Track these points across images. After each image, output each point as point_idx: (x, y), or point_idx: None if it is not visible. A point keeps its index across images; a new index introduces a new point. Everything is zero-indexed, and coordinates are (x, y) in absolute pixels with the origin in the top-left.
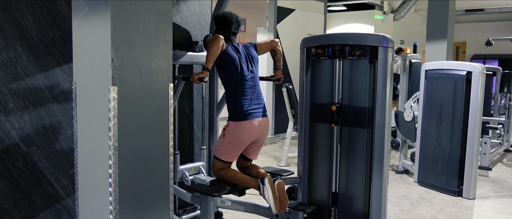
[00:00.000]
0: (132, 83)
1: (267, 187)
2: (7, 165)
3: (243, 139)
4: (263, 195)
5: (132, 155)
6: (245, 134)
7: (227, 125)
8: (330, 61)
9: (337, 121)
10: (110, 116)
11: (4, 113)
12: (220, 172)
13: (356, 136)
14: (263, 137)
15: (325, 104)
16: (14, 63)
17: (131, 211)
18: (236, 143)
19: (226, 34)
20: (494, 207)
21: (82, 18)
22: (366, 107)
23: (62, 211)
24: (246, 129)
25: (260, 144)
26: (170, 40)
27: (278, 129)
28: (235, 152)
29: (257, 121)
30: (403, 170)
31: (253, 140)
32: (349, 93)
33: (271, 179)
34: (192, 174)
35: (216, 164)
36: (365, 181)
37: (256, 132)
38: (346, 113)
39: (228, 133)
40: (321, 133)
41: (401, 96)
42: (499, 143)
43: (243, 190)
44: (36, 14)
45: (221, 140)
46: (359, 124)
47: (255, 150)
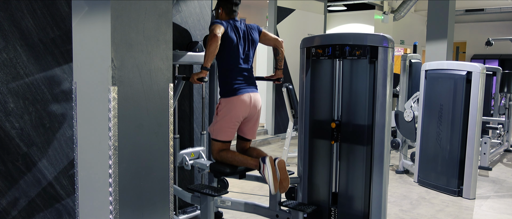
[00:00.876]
0: (132, 83)
1: (268, 166)
2: (7, 165)
3: (235, 115)
4: (263, 174)
5: (132, 155)
6: (236, 109)
7: (219, 103)
8: (330, 61)
9: (337, 119)
10: (110, 116)
11: (4, 112)
12: (220, 153)
13: (356, 134)
14: (255, 113)
15: (325, 105)
16: (14, 63)
17: (131, 211)
18: (229, 120)
19: (228, 4)
20: (494, 207)
21: (82, 18)
22: (366, 109)
23: (62, 211)
24: (237, 104)
25: (254, 121)
26: (170, 40)
27: (278, 129)
28: (230, 129)
29: (247, 96)
30: (403, 170)
31: (246, 115)
32: (349, 94)
33: (272, 158)
34: (192, 158)
35: (215, 145)
36: (365, 181)
37: (247, 107)
38: (346, 117)
39: (220, 111)
40: (321, 132)
41: (401, 96)
42: (499, 143)
43: (243, 172)
44: (36, 14)
45: (215, 120)
46: (359, 126)
47: (251, 128)
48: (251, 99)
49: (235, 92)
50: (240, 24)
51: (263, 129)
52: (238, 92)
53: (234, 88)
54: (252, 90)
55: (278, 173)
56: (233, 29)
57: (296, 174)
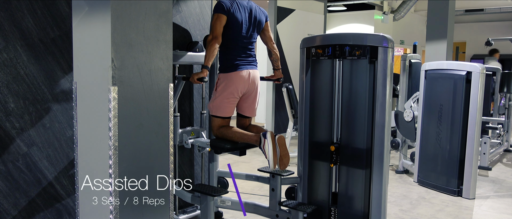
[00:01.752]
0: (132, 83)
1: (268, 141)
2: (8, 165)
3: (233, 90)
4: (263, 149)
5: (132, 155)
6: (235, 84)
7: (218, 78)
8: (330, 61)
9: (337, 118)
10: (110, 116)
11: (5, 112)
12: (220, 130)
13: (356, 134)
14: (254, 89)
15: (325, 104)
16: (14, 63)
17: (131, 211)
18: (227, 95)
19: None
20: (493, 207)
21: (82, 18)
22: (366, 108)
23: (63, 211)
24: (236, 79)
25: (253, 98)
26: (170, 40)
27: (278, 129)
28: (229, 105)
29: (246, 72)
30: (403, 170)
31: (244, 91)
32: (349, 94)
33: (272, 133)
34: (192, 137)
35: (215, 122)
36: (365, 181)
37: (246, 83)
38: (346, 118)
39: (219, 86)
40: (321, 130)
41: (401, 97)
42: (498, 143)
43: (243, 148)
44: (37, 14)
45: (214, 96)
46: (359, 126)
47: (249, 105)
48: (250, 75)
49: (234, 68)
50: (247, 3)
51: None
52: (237, 69)
53: (233, 64)
54: (251, 67)
55: (278, 149)
56: (238, 7)
57: (296, 173)
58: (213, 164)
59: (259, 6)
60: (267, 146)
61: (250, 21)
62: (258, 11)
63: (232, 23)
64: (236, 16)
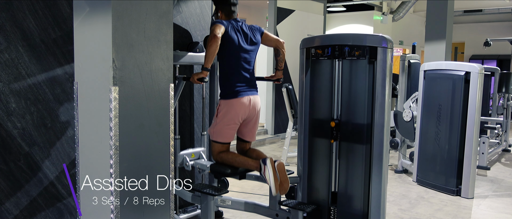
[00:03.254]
0: (133, 83)
1: (268, 167)
2: (9, 164)
3: (234, 117)
4: (264, 175)
5: (133, 155)
6: (235, 111)
7: (219, 104)
8: (329, 61)
9: (337, 117)
10: (111, 116)
11: (6, 112)
12: (220, 155)
13: (355, 134)
14: (254, 115)
15: (324, 104)
16: (16, 63)
17: (132, 210)
18: (228, 121)
19: (226, 7)
20: (492, 206)
21: (84, 18)
22: (366, 108)
23: (64, 210)
24: (237, 106)
25: (253, 123)
26: (170, 40)
27: (278, 129)
28: (229, 131)
29: (247, 98)
30: (402, 169)
31: (245, 117)
32: (349, 94)
33: (272, 159)
34: (193, 159)
35: (215, 147)
36: (365, 181)
37: (246, 109)
38: (345, 118)
39: (220, 112)
40: (320, 131)
41: (400, 97)
42: (497, 143)
43: (243, 173)
44: (38, 15)
45: (214, 122)
46: (358, 126)
47: (250, 130)
48: (251, 102)
49: (235, 94)
50: (241, 25)
51: (263, 128)
52: (239, 95)
53: (234, 90)
54: (252, 93)
55: (278, 174)
56: (234, 29)
57: (296, 173)
58: None
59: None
60: (267, 172)
61: (247, 41)
62: (252, 31)
63: (229, 42)
64: (232, 36)
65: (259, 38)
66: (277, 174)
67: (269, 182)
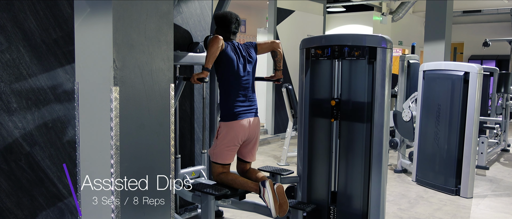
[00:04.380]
0: (134, 83)
1: (268, 190)
2: (10, 164)
3: (234, 139)
4: (263, 198)
5: (134, 155)
6: (235, 133)
7: (219, 126)
8: (329, 61)
9: (336, 116)
10: (112, 116)
11: (7, 112)
12: (220, 176)
13: (355, 133)
14: (254, 137)
15: (324, 104)
16: (17, 63)
17: (132, 209)
18: (228, 143)
19: (226, 33)
20: (491, 206)
21: (84, 19)
22: (365, 107)
23: (65, 210)
24: (236, 128)
25: (253, 144)
26: (171, 41)
27: (278, 129)
28: (229, 153)
29: (246, 120)
30: (402, 169)
31: (244, 139)
32: (348, 94)
33: (271, 182)
34: (193, 177)
35: (215, 168)
36: (364, 180)
37: (246, 132)
38: (345, 117)
39: (220, 134)
40: (321, 129)
41: (399, 97)
42: (496, 143)
43: (243, 194)
44: (39, 15)
45: (215, 143)
46: (358, 126)
47: (249, 151)
48: (250, 124)
49: (235, 117)
50: (238, 45)
51: (263, 128)
52: (238, 118)
53: (234, 113)
54: (251, 115)
55: (278, 197)
56: (232, 49)
57: (296, 173)
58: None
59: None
60: (267, 195)
61: (245, 60)
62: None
63: (228, 61)
64: (231, 55)
65: (254, 55)
66: (276, 196)
67: (268, 204)
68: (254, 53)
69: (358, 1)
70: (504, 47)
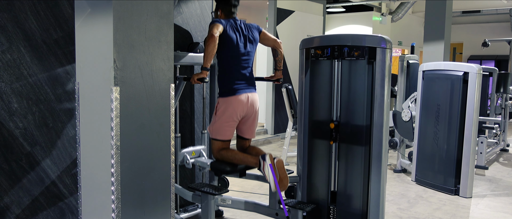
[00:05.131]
0: (134, 83)
1: (268, 164)
2: (11, 164)
3: (232, 114)
4: (263, 171)
5: (134, 154)
6: (233, 109)
7: (218, 102)
8: (329, 62)
9: (336, 130)
10: (112, 116)
11: (8, 112)
12: (220, 152)
13: (355, 133)
14: (253, 113)
15: (324, 104)
16: (18, 64)
17: (133, 209)
18: (226, 119)
19: (227, 7)
20: (490, 205)
21: (85, 19)
22: (365, 108)
23: (65, 209)
24: (235, 103)
25: (252, 120)
26: (171, 41)
27: (278, 129)
28: (228, 128)
29: (245, 96)
30: (401, 169)
31: (243, 114)
32: (348, 94)
33: (272, 156)
34: (193, 157)
35: (215, 145)
36: (364, 180)
37: (245, 107)
38: (344, 118)
39: (218, 110)
40: (321, 130)
41: (399, 97)
42: (495, 143)
43: (243, 170)
44: (40, 16)
45: (213, 119)
46: (357, 126)
47: (249, 127)
48: (249, 99)
49: (233, 92)
50: (240, 24)
51: (263, 128)
52: (237, 93)
53: (232, 88)
54: (250, 90)
55: (277, 172)
56: (233, 28)
57: (296, 173)
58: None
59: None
60: (267, 169)
61: (245, 40)
62: (250, 29)
63: (228, 41)
64: (231, 35)
65: (257, 36)
66: (276, 170)
67: (268, 178)
68: (257, 34)
69: (358, 1)
70: (503, 48)
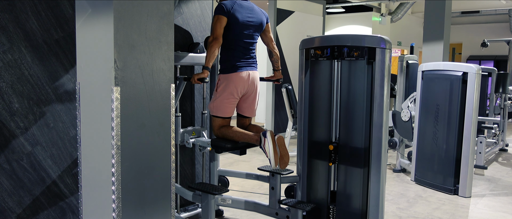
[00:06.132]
0: (135, 83)
1: (268, 140)
2: (12, 164)
3: (233, 91)
4: (263, 148)
5: (135, 154)
6: (234, 85)
7: (218, 79)
8: (328, 62)
9: (336, 118)
10: (113, 116)
11: (9, 112)
12: (221, 130)
13: (354, 133)
14: (253, 90)
15: (323, 104)
16: (19, 64)
17: (133, 209)
18: (227, 95)
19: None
20: (489, 205)
21: (86, 19)
22: (364, 108)
23: (66, 209)
24: (235, 80)
25: (252, 98)
26: (171, 41)
27: (278, 129)
28: (229, 105)
29: (245, 73)
30: (400, 169)
31: (244, 92)
32: (347, 94)
33: (272, 133)
34: (193, 137)
35: (215, 122)
36: (363, 180)
37: (245, 84)
38: (344, 118)
39: (219, 87)
40: (320, 130)
41: (398, 97)
42: (494, 143)
43: (244, 147)
44: (40, 16)
45: (214, 96)
46: (357, 125)
47: (249, 106)
48: (249, 76)
49: (234, 69)
50: (247, 4)
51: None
52: (238, 70)
53: (233, 65)
54: (251, 68)
55: (278, 148)
56: (239, 8)
57: (295, 172)
58: (214, 163)
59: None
60: (267, 145)
61: (251, 21)
62: (258, 12)
63: (233, 23)
64: (237, 16)
65: (264, 20)
66: (277, 148)
67: (268, 155)
68: (264, 20)
69: (357, 2)
70: (502, 48)
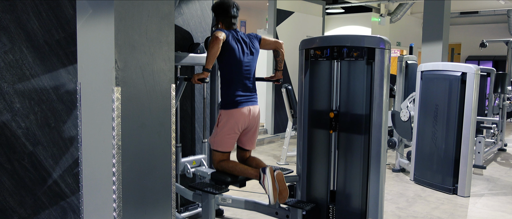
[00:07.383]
0: (135, 84)
1: (268, 176)
2: (13, 163)
3: (234, 126)
4: (263, 184)
5: (135, 154)
6: (235, 121)
7: (219, 114)
8: (328, 62)
9: (335, 127)
10: (114, 116)
11: (11, 112)
12: (220, 164)
13: (353, 136)
14: (254, 125)
15: (323, 104)
16: (20, 64)
17: (134, 208)
18: (228, 131)
19: (226, 19)
20: (488, 204)
21: (87, 20)
22: (364, 108)
23: (67, 208)
24: (236, 116)
25: (253, 132)
26: (172, 42)
27: (278, 129)
28: (229, 140)
29: (247, 109)
30: (400, 168)
31: (245, 127)
32: (347, 94)
33: (272, 168)
34: (194, 166)
35: (215, 156)
36: (363, 179)
37: (246, 119)
38: (343, 117)
39: (220, 122)
40: (320, 129)
41: (397, 97)
42: (493, 142)
43: (243, 181)
44: (42, 17)
45: (215, 131)
46: (356, 125)
47: (249, 139)
48: (250, 112)
49: (235, 105)
50: (241, 34)
51: (262, 128)
52: (239, 106)
53: (234, 101)
54: (252, 103)
55: (277, 184)
56: (235, 39)
57: (295, 172)
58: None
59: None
60: (266, 181)
61: (247, 48)
62: (251, 40)
63: (230, 51)
64: (233, 45)
65: (257, 46)
66: (276, 184)
67: (267, 191)
68: (257, 44)
69: (357, 2)
70: (501, 48)
